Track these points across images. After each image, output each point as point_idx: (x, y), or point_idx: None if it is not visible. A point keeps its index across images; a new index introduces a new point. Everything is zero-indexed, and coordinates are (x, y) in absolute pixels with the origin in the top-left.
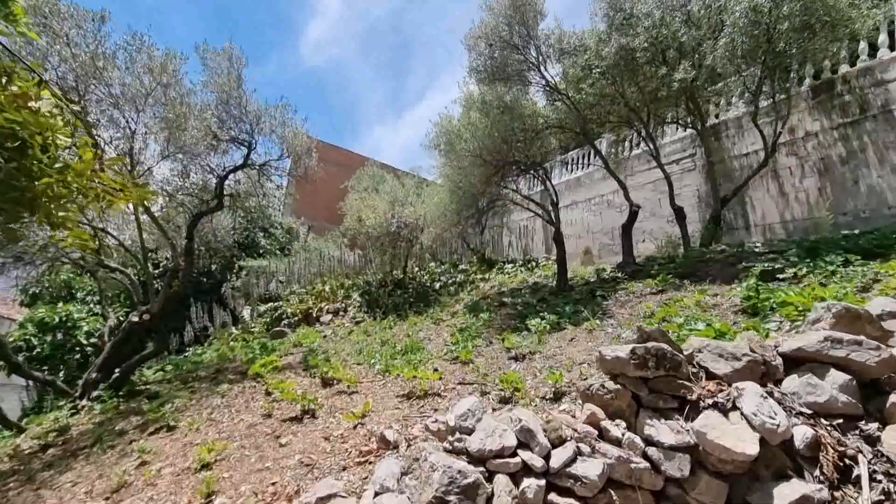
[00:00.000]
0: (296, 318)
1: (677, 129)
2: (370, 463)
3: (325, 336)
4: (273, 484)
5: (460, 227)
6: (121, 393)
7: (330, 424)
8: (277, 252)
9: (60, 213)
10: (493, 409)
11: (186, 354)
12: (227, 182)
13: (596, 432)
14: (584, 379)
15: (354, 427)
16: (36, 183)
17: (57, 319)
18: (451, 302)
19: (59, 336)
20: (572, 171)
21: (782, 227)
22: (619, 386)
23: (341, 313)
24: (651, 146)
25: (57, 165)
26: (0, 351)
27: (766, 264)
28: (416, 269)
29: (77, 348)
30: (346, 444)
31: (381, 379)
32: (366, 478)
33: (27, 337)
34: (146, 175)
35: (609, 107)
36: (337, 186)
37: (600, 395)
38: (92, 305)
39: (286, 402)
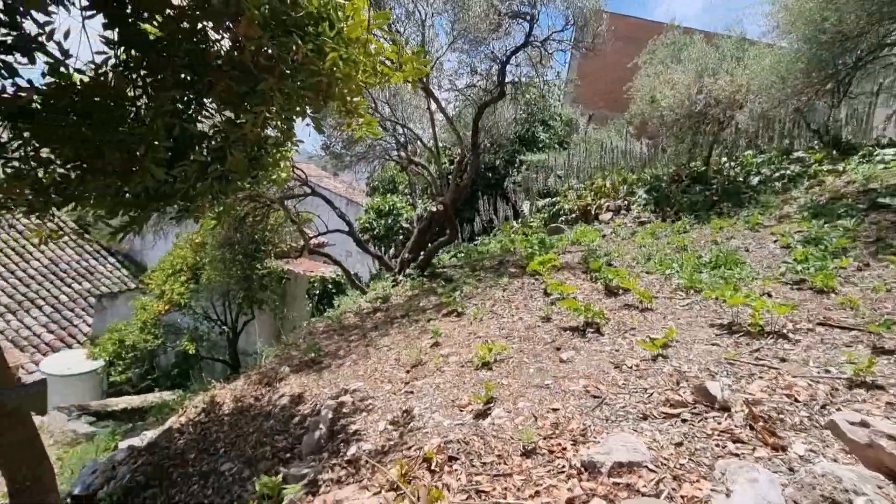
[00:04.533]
0: (573, 215)
1: None
2: (683, 421)
3: (604, 235)
4: (554, 411)
5: (804, 98)
6: (425, 273)
7: (619, 347)
8: (556, 146)
9: (355, 99)
10: None
11: (476, 243)
12: (508, 68)
13: None
14: None
15: (654, 359)
16: (324, 62)
17: (387, 207)
18: (776, 202)
19: (389, 221)
20: None
21: None
22: None
23: (623, 211)
24: None
25: (342, 42)
26: (349, 230)
27: None
28: (724, 159)
29: (400, 231)
30: (644, 380)
31: (684, 297)
32: (680, 444)
33: (370, 220)
34: (436, 66)
35: None
36: (623, 66)
37: None
38: (409, 196)
39: (566, 309)
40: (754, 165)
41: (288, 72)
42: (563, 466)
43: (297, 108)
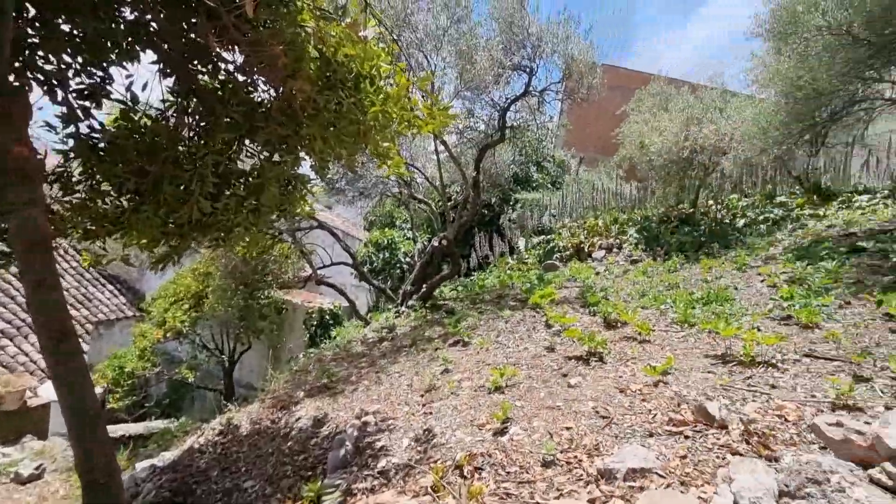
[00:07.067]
0: (567, 253)
1: None
2: (686, 437)
3: (597, 273)
4: (567, 429)
5: (784, 148)
6: (427, 305)
7: (622, 374)
8: (549, 185)
9: (385, 144)
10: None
11: (472, 278)
12: (507, 114)
13: None
14: None
15: (655, 385)
16: (367, 114)
17: (385, 241)
18: (761, 244)
19: (387, 254)
20: None
21: None
22: None
23: (615, 250)
24: None
25: (381, 96)
26: (353, 262)
27: None
28: (710, 202)
29: (397, 265)
30: (648, 403)
31: (679, 330)
32: (684, 457)
33: (369, 254)
34: None
35: None
36: (611, 113)
37: None
38: (405, 231)
39: (568, 339)
40: (740, 209)
41: (329, 119)
42: (581, 475)
43: (333, 152)
